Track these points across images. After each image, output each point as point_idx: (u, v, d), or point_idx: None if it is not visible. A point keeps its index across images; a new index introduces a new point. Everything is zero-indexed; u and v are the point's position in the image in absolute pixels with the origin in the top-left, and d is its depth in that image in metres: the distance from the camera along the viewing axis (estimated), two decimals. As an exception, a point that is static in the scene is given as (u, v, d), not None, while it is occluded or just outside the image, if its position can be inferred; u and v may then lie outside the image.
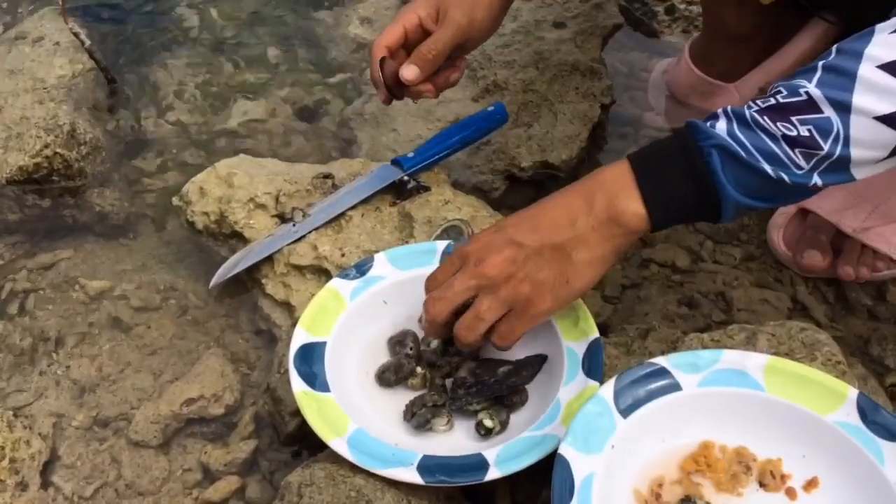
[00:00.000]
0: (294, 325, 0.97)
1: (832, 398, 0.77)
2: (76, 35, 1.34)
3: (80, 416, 1.02)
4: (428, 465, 0.80)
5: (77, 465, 0.98)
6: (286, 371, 0.90)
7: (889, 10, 0.80)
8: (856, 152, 0.72)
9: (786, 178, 0.74)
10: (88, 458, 0.99)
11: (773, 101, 0.74)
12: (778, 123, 0.73)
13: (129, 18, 1.55)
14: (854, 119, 0.71)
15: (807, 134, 0.72)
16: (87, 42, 1.35)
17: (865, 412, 0.76)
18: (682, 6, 1.48)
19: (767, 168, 0.74)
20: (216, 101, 1.43)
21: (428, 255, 0.99)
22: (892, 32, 0.72)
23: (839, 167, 0.74)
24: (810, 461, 0.77)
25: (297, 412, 0.88)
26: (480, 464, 0.80)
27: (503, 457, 0.80)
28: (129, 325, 1.11)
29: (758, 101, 0.75)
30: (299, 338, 0.91)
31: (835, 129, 0.72)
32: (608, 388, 0.79)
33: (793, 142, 0.73)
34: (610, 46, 1.42)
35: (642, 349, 0.93)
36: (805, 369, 0.79)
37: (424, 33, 1.02)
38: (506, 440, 0.83)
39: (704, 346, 0.87)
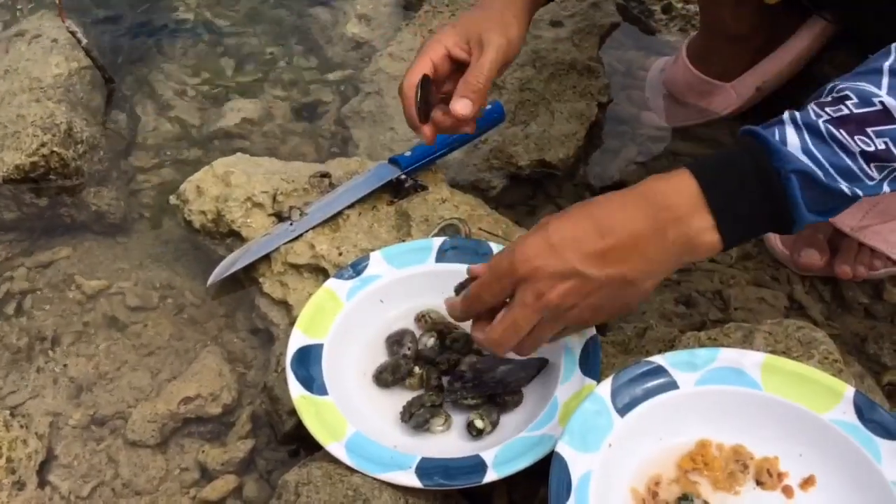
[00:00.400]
0: (291, 323, 0.97)
1: (829, 396, 0.77)
2: (73, 34, 1.34)
3: (76, 415, 1.02)
4: (426, 468, 0.80)
5: (74, 465, 0.98)
6: (283, 370, 0.90)
7: (886, 9, 0.80)
8: None
9: (860, 192, 0.71)
10: (85, 457, 0.98)
11: (844, 110, 0.70)
12: (856, 138, 0.70)
13: (125, 17, 1.55)
14: None
15: (883, 147, 0.69)
16: (84, 41, 1.35)
17: (862, 410, 0.76)
18: (679, 5, 1.48)
19: (844, 187, 0.71)
20: (213, 100, 1.43)
21: (423, 252, 0.99)
22: None
23: None
24: (807, 459, 0.77)
25: (294, 411, 0.88)
26: (478, 466, 0.80)
27: (501, 458, 0.80)
28: (126, 324, 1.11)
29: (826, 110, 0.71)
30: (296, 340, 0.91)
31: None
32: (605, 387, 0.79)
33: (870, 157, 0.70)
34: (607, 45, 1.42)
35: (639, 348, 0.93)
36: (802, 367, 0.79)
37: (453, 64, 0.96)
38: (503, 440, 0.83)
39: (701, 345, 0.87)
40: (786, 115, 0.73)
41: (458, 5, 1.40)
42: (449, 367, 0.91)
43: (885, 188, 0.72)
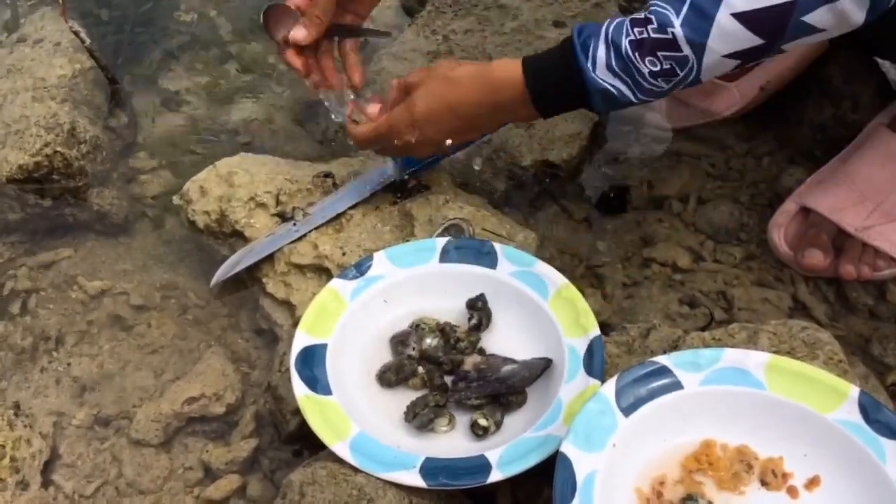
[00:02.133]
0: (295, 323, 0.97)
1: (834, 397, 0.77)
2: (76, 34, 1.34)
3: (80, 415, 1.02)
4: (430, 468, 0.80)
5: (78, 464, 0.98)
6: (287, 370, 0.90)
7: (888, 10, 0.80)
8: (704, 76, 0.86)
9: (647, 98, 0.89)
10: (89, 456, 0.99)
11: (644, 33, 0.84)
12: (646, 60, 0.85)
13: (128, 18, 1.55)
14: (706, 56, 0.83)
15: (668, 66, 0.85)
16: (88, 41, 1.35)
17: (867, 410, 0.76)
18: (683, 5, 1.48)
19: (632, 97, 0.88)
20: (216, 100, 1.43)
21: (427, 252, 0.99)
22: None
23: (690, 84, 0.87)
24: (812, 460, 0.77)
25: (298, 411, 0.88)
26: (483, 466, 0.80)
27: (505, 458, 0.80)
28: (130, 324, 1.11)
29: (634, 29, 0.85)
30: (300, 340, 0.91)
31: (690, 63, 0.84)
32: (610, 387, 0.78)
33: (657, 74, 0.86)
34: (610, 46, 1.42)
35: (643, 348, 0.92)
36: (806, 368, 0.79)
37: None
38: (508, 440, 0.83)
39: (706, 345, 0.87)
40: (604, 27, 0.87)
41: (460, 5, 1.40)
42: (453, 367, 0.91)
43: (671, 90, 0.88)
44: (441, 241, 0.99)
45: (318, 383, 0.88)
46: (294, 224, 1.08)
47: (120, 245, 1.22)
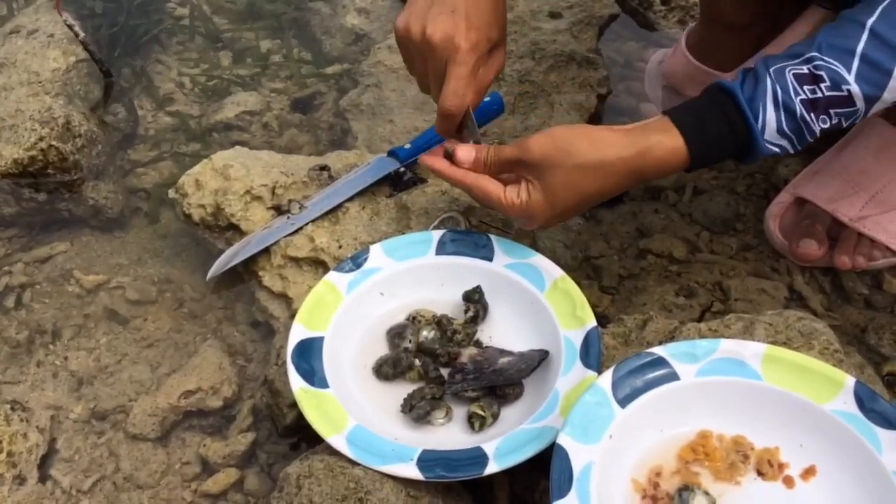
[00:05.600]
0: (291, 316, 0.97)
1: (830, 387, 0.77)
2: (70, 27, 1.34)
3: (77, 409, 1.02)
4: (427, 460, 0.80)
5: (75, 459, 0.98)
6: (284, 363, 0.90)
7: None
8: (860, 120, 0.84)
9: (800, 148, 0.85)
10: (86, 451, 0.98)
11: (818, 92, 0.81)
12: (820, 118, 0.82)
13: (122, 10, 1.54)
14: (876, 105, 0.82)
15: (836, 121, 0.83)
16: (82, 34, 1.34)
17: (863, 400, 0.76)
18: (678, -4, 1.47)
19: (791, 151, 0.84)
20: (211, 93, 1.42)
21: (423, 244, 0.99)
22: None
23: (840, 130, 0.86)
24: (808, 450, 0.77)
25: (295, 404, 0.88)
26: (479, 458, 0.80)
27: (502, 450, 0.81)
28: (126, 318, 1.11)
29: (804, 88, 0.81)
30: (297, 333, 0.91)
31: (858, 114, 0.82)
32: (606, 378, 0.79)
33: (826, 131, 0.83)
34: (606, 37, 1.42)
35: (640, 339, 0.93)
36: (802, 358, 0.79)
37: None
38: (504, 432, 0.83)
39: (702, 336, 0.87)
40: (769, 86, 0.82)
41: (456, -3, 1.40)
42: (449, 360, 0.91)
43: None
44: (437, 234, 0.99)
45: (314, 376, 0.88)
46: (290, 217, 1.08)
47: (115, 239, 1.22)
